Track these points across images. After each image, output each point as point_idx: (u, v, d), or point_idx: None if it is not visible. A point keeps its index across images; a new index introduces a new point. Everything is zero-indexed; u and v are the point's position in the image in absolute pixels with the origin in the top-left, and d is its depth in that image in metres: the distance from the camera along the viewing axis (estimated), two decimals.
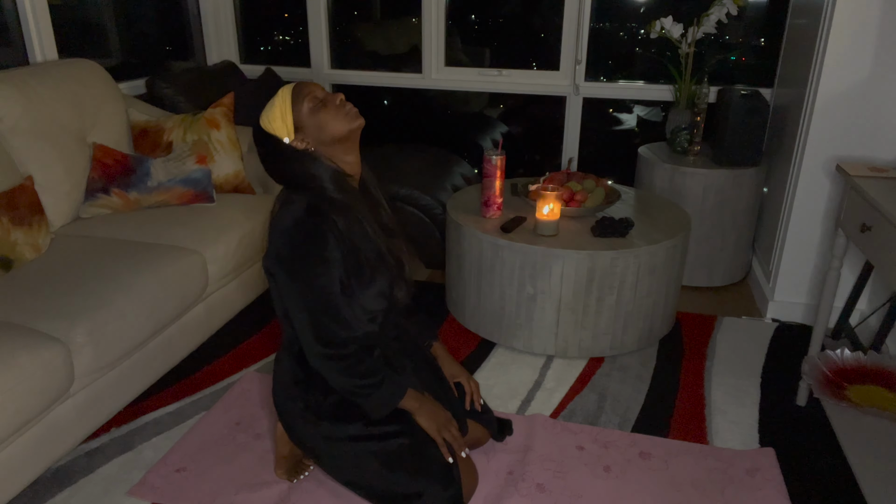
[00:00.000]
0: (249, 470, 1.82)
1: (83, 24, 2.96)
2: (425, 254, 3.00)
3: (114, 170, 2.41)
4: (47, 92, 2.30)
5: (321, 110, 1.47)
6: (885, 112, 2.31)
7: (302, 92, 1.47)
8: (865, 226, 1.77)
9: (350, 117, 1.48)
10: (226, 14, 3.66)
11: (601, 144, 3.55)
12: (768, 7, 3.12)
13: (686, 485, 1.79)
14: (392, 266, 1.55)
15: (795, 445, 1.95)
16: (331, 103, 1.48)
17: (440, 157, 3.34)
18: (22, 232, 2.01)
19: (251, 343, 2.47)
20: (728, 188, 2.75)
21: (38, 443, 1.67)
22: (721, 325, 2.61)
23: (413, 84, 3.57)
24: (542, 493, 1.75)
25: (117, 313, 1.82)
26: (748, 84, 3.15)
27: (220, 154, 2.62)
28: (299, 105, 1.46)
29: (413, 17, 3.50)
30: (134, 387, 1.98)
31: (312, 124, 1.47)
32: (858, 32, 2.25)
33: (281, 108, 1.46)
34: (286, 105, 1.46)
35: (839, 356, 1.90)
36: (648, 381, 2.26)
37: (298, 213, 1.43)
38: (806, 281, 2.62)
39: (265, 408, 2.08)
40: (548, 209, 2.29)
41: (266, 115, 1.48)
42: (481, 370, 2.32)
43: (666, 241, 2.28)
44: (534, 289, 2.29)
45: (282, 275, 1.46)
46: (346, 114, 1.48)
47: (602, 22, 3.28)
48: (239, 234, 2.35)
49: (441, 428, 1.56)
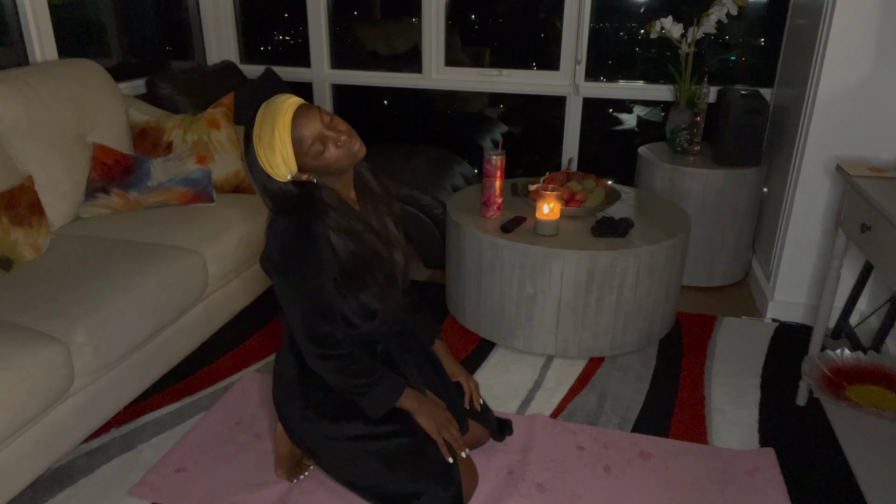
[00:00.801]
0: (249, 470, 1.82)
1: (83, 24, 2.96)
2: (425, 254, 3.00)
3: (114, 170, 2.41)
4: (47, 92, 2.30)
5: (325, 153, 1.42)
6: (885, 112, 2.31)
7: (303, 137, 1.39)
8: (865, 226, 1.77)
9: (353, 151, 1.45)
10: (226, 14, 3.66)
11: (601, 144, 3.55)
12: (768, 7, 3.11)
13: (686, 485, 1.79)
14: (388, 266, 1.55)
15: (795, 445, 1.95)
16: (332, 142, 1.42)
17: (440, 157, 3.34)
18: (22, 232, 2.01)
19: (251, 343, 2.47)
20: (728, 188, 2.75)
21: (38, 443, 1.67)
22: (721, 325, 2.61)
23: (413, 84, 3.57)
24: (542, 493, 1.75)
25: (117, 313, 1.82)
26: (748, 84, 3.15)
27: (220, 154, 2.62)
28: (303, 151, 1.40)
29: (413, 17, 3.50)
30: (134, 387, 1.98)
31: (316, 165, 1.43)
32: (858, 32, 2.25)
33: (282, 152, 1.39)
34: (287, 150, 1.39)
35: (839, 356, 1.90)
36: (648, 381, 2.26)
37: (290, 214, 1.44)
38: (806, 281, 2.62)
39: (265, 408, 2.08)
40: (548, 209, 2.29)
41: (266, 156, 1.40)
42: (481, 370, 2.32)
43: (666, 241, 2.28)
44: (534, 289, 2.29)
45: (275, 276, 1.47)
46: (348, 150, 1.44)
47: (602, 22, 3.28)
48: (239, 234, 2.35)
49: (441, 428, 1.56)
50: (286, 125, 1.38)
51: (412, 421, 1.57)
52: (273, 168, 1.42)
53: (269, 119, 1.39)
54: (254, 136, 1.41)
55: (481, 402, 1.81)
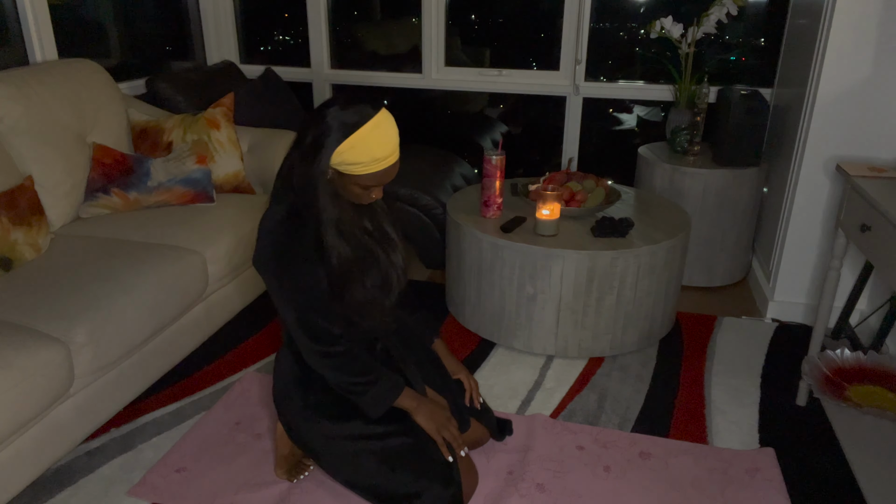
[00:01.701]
0: (249, 470, 1.82)
1: (83, 24, 2.96)
2: (425, 254, 2.99)
3: (114, 170, 2.41)
4: (47, 92, 2.30)
5: (363, 194, 1.47)
6: (885, 112, 2.31)
7: (371, 174, 1.42)
8: (865, 226, 1.77)
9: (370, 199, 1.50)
10: (226, 14, 3.66)
11: (601, 144, 3.55)
12: (768, 7, 3.11)
13: (686, 485, 1.79)
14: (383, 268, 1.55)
15: (795, 445, 1.95)
16: (375, 192, 1.49)
17: (440, 157, 3.33)
18: (22, 232, 2.01)
19: (251, 343, 2.47)
20: (728, 188, 2.75)
21: (38, 443, 1.67)
22: (721, 325, 2.61)
23: (413, 84, 3.57)
24: (542, 493, 1.75)
25: (117, 313, 1.82)
26: (748, 84, 3.15)
27: (220, 154, 2.62)
28: (358, 178, 1.42)
29: (413, 17, 3.50)
30: (134, 387, 1.98)
31: (352, 187, 1.45)
32: (858, 32, 2.25)
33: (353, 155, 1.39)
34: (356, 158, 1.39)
35: (839, 356, 1.90)
36: (648, 381, 2.26)
37: (281, 214, 1.45)
38: (806, 281, 2.62)
39: (265, 408, 2.08)
40: (548, 209, 2.29)
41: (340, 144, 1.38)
42: (481, 370, 2.32)
43: (666, 241, 2.28)
44: (534, 289, 2.29)
45: (267, 275, 1.47)
46: (370, 199, 1.50)
47: (602, 22, 3.28)
48: (239, 234, 2.35)
49: (440, 427, 1.56)
50: (378, 153, 1.40)
51: (412, 420, 1.57)
52: (341, 152, 1.38)
53: (377, 132, 1.39)
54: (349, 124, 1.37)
55: (481, 401, 1.81)
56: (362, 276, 1.51)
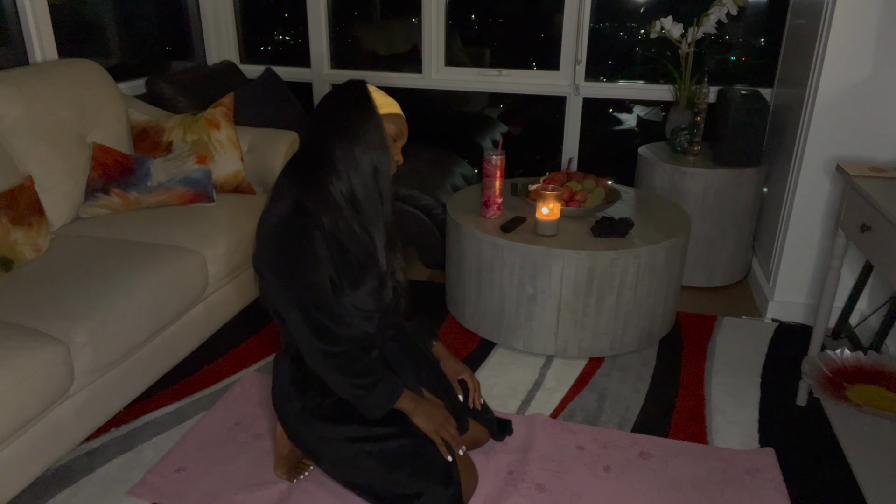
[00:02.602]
0: (249, 470, 1.82)
1: (83, 24, 2.96)
2: (425, 254, 2.99)
3: (114, 170, 2.41)
4: (47, 92, 2.30)
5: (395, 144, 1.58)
6: (885, 112, 2.31)
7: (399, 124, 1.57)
8: (865, 226, 1.77)
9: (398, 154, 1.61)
10: (226, 14, 3.66)
11: (601, 144, 3.55)
12: (768, 7, 3.11)
13: (686, 485, 1.79)
14: (382, 266, 1.55)
15: (795, 445, 1.95)
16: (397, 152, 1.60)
17: (440, 157, 3.33)
18: (22, 232, 2.01)
19: (251, 343, 2.47)
20: (728, 188, 2.75)
21: (38, 443, 1.67)
22: (721, 325, 2.61)
23: (413, 84, 3.57)
24: (542, 493, 1.75)
25: (117, 313, 1.82)
26: (748, 84, 3.15)
27: (220, 154, 2.62)
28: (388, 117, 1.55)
29: (413, 17, 3.50)
30: (134, 387, 1.98)
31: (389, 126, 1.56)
32: (858, 32, 2.25)
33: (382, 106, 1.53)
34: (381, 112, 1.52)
35: (839, 356, 1.90)
36: (648, 381, 2.26)
37: (284, 212, 1.43)
38: (806, 281, 2.62)
39: (265, 408, 2.08)
40: (548, 209, 2.29)
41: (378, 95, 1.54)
42: (481, 370, 2.32)
43: (666, 241, 2.28)
44: (534, 289, 2.29)
45: (270, 274, 1.46)
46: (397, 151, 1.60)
47: (602, 22, 3.28)
48: (239, 234, 2.35)
49: (438, 427, 1.56)
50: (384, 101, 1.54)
51: (410, 421, 1.57)
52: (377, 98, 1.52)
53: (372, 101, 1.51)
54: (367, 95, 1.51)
55: (481, 401, 1.81)
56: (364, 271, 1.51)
